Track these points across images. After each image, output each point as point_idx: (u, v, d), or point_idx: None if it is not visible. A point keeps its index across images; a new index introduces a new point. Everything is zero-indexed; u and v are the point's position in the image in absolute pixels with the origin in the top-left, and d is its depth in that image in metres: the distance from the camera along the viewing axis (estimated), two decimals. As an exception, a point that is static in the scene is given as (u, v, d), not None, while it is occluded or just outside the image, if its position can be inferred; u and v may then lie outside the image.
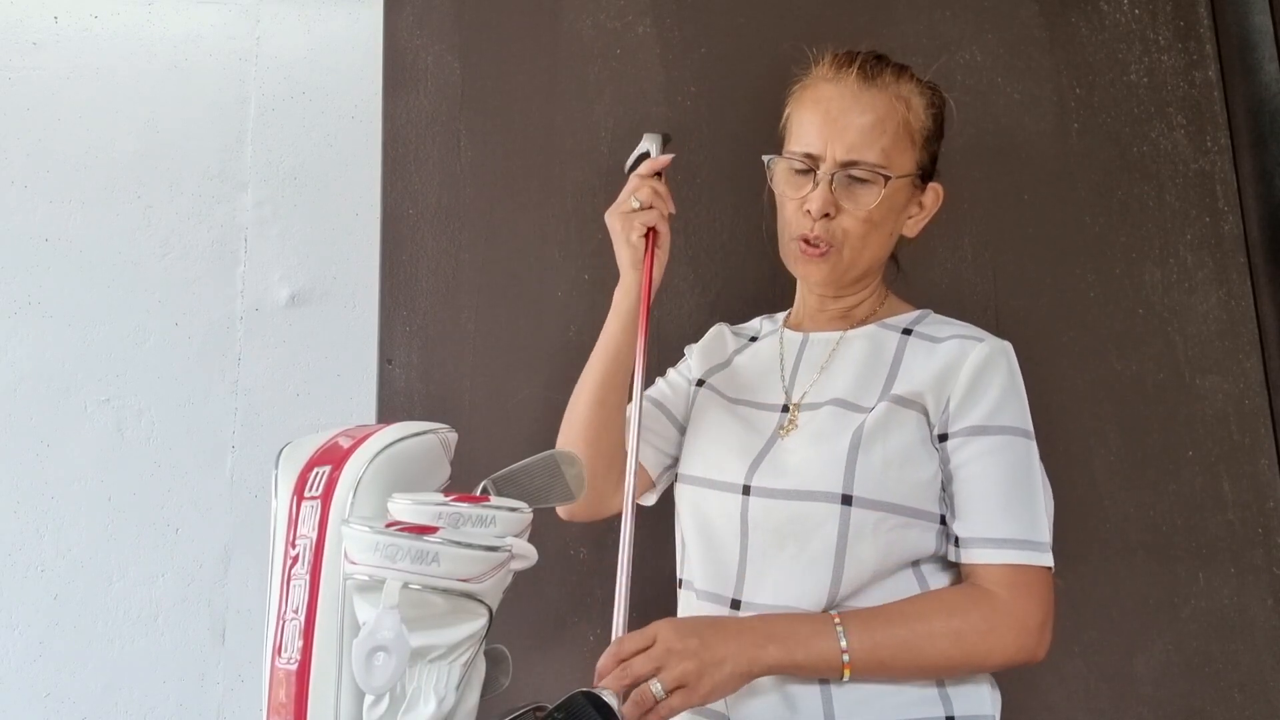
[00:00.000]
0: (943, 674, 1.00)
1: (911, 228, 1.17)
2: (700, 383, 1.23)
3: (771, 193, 1.17)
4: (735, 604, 1.04)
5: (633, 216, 1.11)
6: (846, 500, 1.00)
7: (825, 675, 0.97)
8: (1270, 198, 1.54)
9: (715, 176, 1.55)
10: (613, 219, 1.13)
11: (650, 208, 1.11)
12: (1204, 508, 1.50)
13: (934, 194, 1.17)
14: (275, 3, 1.58)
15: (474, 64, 1.57)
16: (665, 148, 1.17)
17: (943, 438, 1.05)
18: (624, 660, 0.92)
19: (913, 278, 1.47)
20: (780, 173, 1.14)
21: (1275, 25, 1.58)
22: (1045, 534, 1.01)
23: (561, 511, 1.24)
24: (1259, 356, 1.54)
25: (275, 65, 1.56)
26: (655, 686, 0.89)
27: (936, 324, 1.14)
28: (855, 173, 1.07)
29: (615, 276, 1.14)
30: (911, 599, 1.00)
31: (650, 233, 1.12)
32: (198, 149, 1.53)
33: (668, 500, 1.23)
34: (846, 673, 0.95)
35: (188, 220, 1.51)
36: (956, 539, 1.03)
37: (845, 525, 1.00)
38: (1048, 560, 1.00)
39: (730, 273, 1.52)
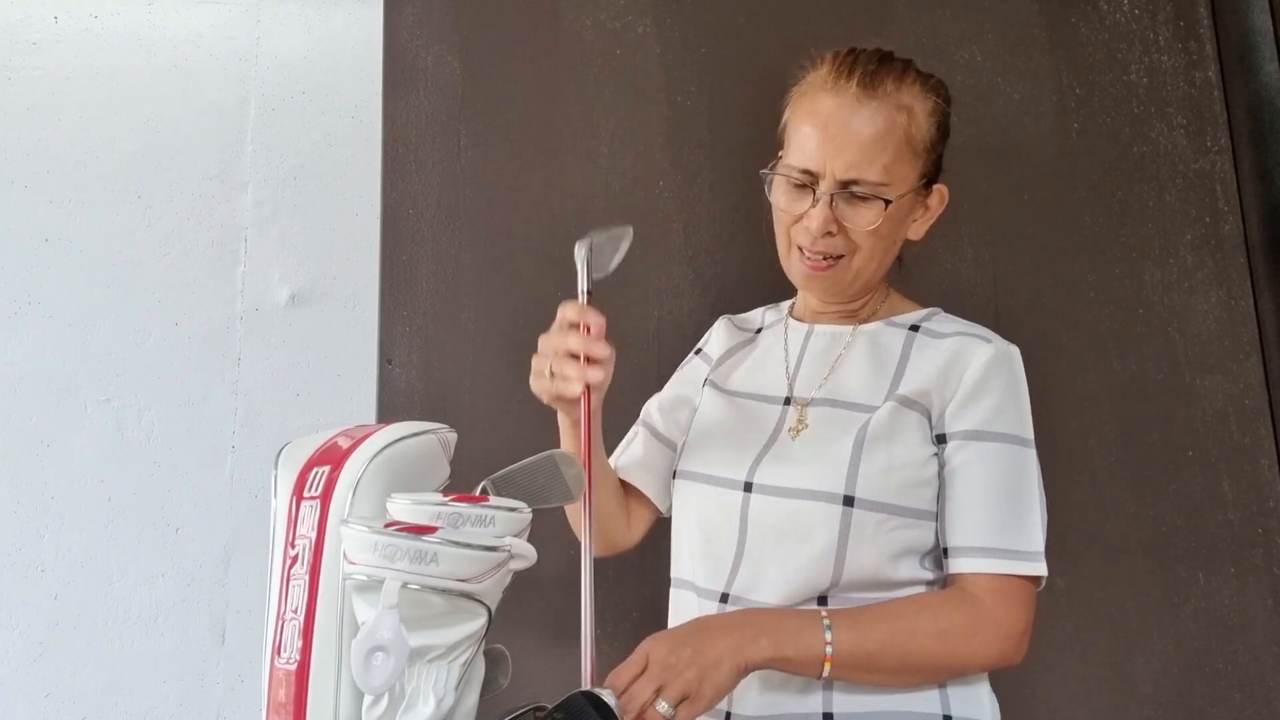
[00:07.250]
0: (925, 676, 0.99)
1: (917, 230, 1.13)
2: (705, 380, 1.21)
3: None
4: (724, 598, 1.04)
5: (555, 389, 0.99)
6: (848, 501, 1.00)
7: (812, 671, 0.95)
8: (1270, 198, 1.54)
9: (715, 176, 1.55)
10: (538, 388, 1.02)
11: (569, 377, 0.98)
12: (1204, 508, 1.50)
13: (939, 195, 1.13)
14: (275, 3, 1.58)
15: (474, 64, 1.57)
16: (606, 247, 1.01)
17: (940, 439, 1.04)
18: (624, 691, 0.90)
19: (912, 278, 1.47)
20: (778, 187, 1.10)
21: (1275, 25, 1.58)
22: (1036, 543, 1.00)
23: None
24: (1259, 356, 1.54)
25: (275, 65, 1.56)
26: (662, 706, 0.88)
27: (944, 321, 1.13)
28: (856, 190, 1.03)
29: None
30: (899, 600, 1.00)
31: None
32: (198, 149, 1.53)
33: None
34: (828, 666, 0.94)
35: (188, 220, 1.51)
36: (945, 549, 1.02)
37: (846, 526, 1.00)
38: (1036, 569, 0.99)
39: (730, 273, 1.52)
